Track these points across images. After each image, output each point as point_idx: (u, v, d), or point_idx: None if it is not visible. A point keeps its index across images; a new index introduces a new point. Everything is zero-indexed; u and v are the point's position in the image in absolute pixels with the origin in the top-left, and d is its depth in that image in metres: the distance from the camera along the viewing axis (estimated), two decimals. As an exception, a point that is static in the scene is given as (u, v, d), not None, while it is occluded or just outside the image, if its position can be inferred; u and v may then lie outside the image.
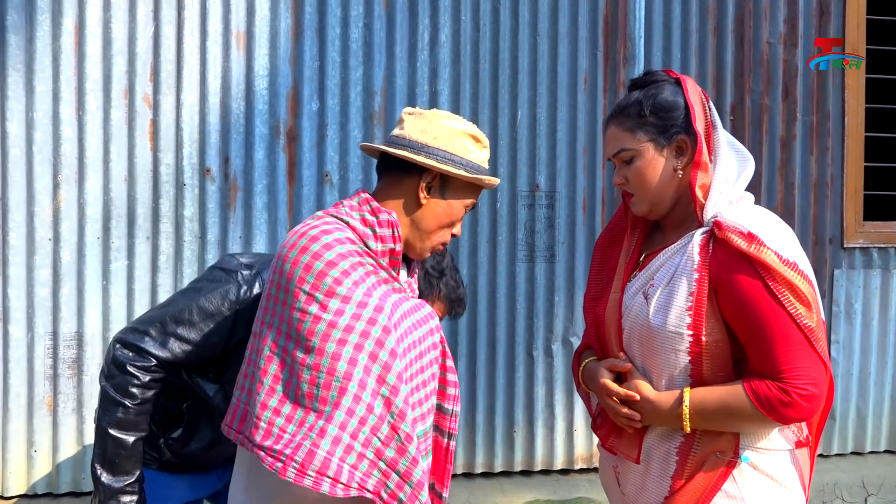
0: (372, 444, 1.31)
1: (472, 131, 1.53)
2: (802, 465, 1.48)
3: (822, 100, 3.49)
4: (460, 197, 1.51)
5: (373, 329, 1.33)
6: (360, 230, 1.43)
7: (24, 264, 2.85)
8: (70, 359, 2.89)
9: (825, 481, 3.39)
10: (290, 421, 1.32)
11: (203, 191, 2.97)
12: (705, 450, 1.45)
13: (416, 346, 1.45)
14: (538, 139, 3.23)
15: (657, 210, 1.53)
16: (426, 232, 1.50)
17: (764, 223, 1.41)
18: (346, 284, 1.35)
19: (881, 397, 3.60)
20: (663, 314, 1.44)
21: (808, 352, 1.35)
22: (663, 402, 1.46)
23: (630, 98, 1.53)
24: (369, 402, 1.31)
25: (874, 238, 3.55)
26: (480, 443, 3.22)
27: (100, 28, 2.89)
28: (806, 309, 1.35)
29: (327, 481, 1.28)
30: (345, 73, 3.07)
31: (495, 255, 3.21)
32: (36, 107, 2.85)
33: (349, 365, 1.30)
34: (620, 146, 1.51)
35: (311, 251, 1.35)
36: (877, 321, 3.57)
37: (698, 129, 1.46)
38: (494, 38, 3.19)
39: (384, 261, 1.45)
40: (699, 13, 3.37)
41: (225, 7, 2.98)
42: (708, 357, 1.42)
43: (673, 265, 1.46)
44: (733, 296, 1.39)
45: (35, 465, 2.87)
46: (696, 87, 1.52)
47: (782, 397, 1.35)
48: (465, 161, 1.49)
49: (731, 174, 1.48)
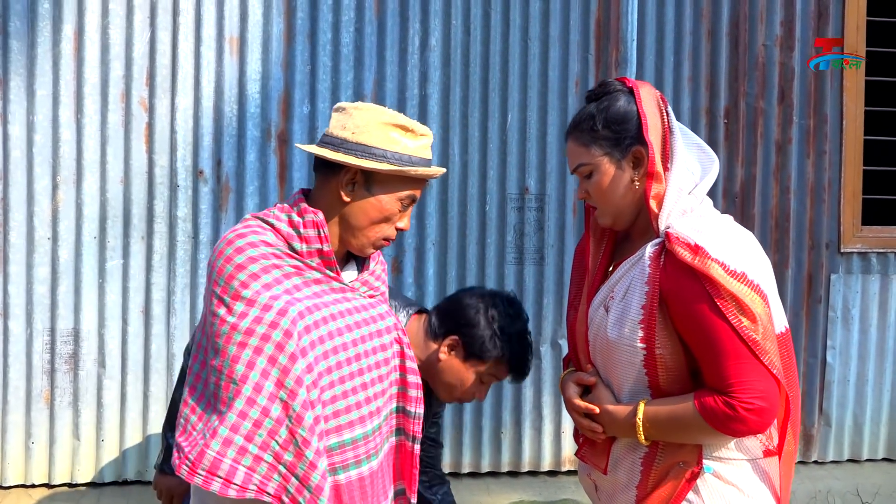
0: (270, 448, 1.32)
1: (398, 121, 1.45)
2: (772, 475, 1.46)
3: (819, 103, 3.45)
4: (390, 191, 1.45)
5: (273, 333, 1.33)
6: (284, 232, 1.43)
7: (24, 262, 2.96)
8: (67, 354, 2.99)
9: (818, 488, 3.36)
10: (200, 419, 1.35)
11: (196, 192, 3.05)
12: (668, 460, 1.45)
13: (350, 347, 1.44)
14: (528, 142, 3.25)
15: (620, 221, 1.53)
16: (357, 228, 1.46)
17: (713, 234, 1.40)
18: (252, 287, 1.35)
19: (879, 404, 3.55)
20: (619, 327, 1.45)
21: (755, 365, 1.34)
22: (620, 414, 1.47)
23: (584, 112, 1.52)
24: (265, 405, 1.31)
25: (873, 243, 3.50)
26: (467, 443, 3.25)
27: (98, 34, 2.98)
28: (750, 322, 1.34)
29: (218, 481, 1.30)
30: (336, 78, 3.12)
31: (484, 257, 3.24)
32: (36, 110, 2.95)
33: (246, 368, 1.32)
34: (578, 161, 1.51)
35: (224, 255, 1.38)
36: (875, 327, 3.52)
37: (649, 138, 1.45)
38: (485, 41, 3.22)
39: (313, 261, 1.44)
40: (693, 16, 3.36)
41: (219, 13, 3.05)
42: (663, 369, 1.42)
43: (629, 277, 1.47)
44: (681, 309, 1.38)
45: (32, 457, 2.98)
46: (651, 94, 1.50)
47: (728, 411, 1.34)
48: (388, 153, 1.42)
49: (688, 182, 1.47)
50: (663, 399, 1.43)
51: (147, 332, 3.04)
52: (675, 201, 1.44)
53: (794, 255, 3.45)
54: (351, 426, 1.43)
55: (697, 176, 1.50)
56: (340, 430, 1.41)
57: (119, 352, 3.02)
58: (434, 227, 3.18)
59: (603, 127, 1.48)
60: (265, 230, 1.43)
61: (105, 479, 3.03)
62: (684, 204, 1.45)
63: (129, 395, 3.03)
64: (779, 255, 3.43)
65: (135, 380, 3.03)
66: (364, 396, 1.45)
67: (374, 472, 1.47)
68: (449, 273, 3.21)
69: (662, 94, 1.54)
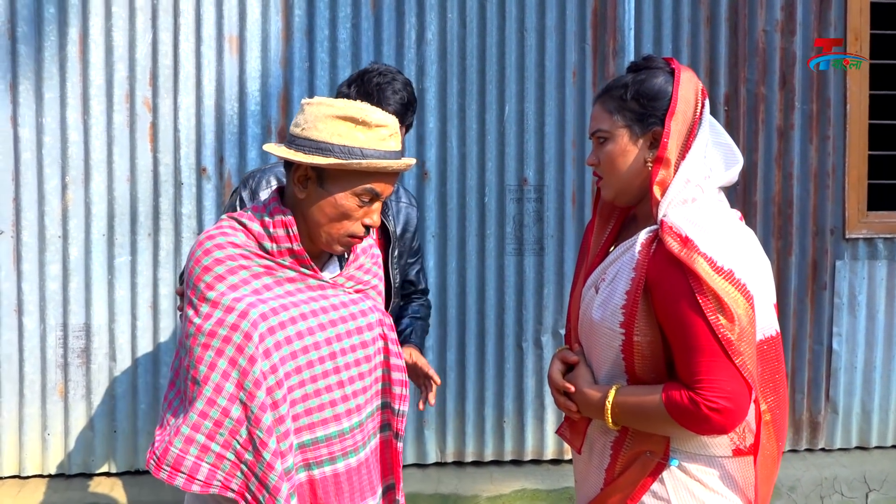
0: (232, 447, 1.36)
1: (349, 113, 1.39)
2: (744, 474, 1.44)
3: (822, 87, 3.41)
4: (344, 187, 1.40)
5: (234, 335, 1.35)
6: (256, 232, 1.44)
7: (37, 260, 3.06)
8: (79, 348, 3.09)
9: (824, 475, 3.34)
10: (174, 416, 1.40)
11: (200, 189, 3.12)
12: (636, 447, 1.46)
13: (324, 346, 1.44)
14: (526, 133, 3.27)
15: (623, 198, 1.52)
16: (318, 226, 1.44)
17: (707, 227, 1.38)
18: (217, 289, 1.37)
19: (888, 391, 3.51)
20: (602, 309, 1.45)
21: (726, 365, 1.32)
22: (593, 396, 1.48)
23: (620, 80, 1.51)
24: (225, 405, 1.34)
25: (879, 228, 3.46)
26: (470, 432, 3.29)
27: (102, 37, 3.06)
28: (728, 321, 1.32)
29: (182, 477, 1.34)
30: (333, 74, 3.16)
31: (484, 248, 3.27)
32: (45, 113, 3.04)
33: (208, 369, 1.35)
34: (598, 126, 1.50)
35: (194, 257, 1.42)
36: (882, 313, 3.49)
37: (670, 124, 1.42)
38: (481, 34, 3.24)
39: (285, 260, 1.45)
40: (691, 2, 3.34)
41: (218, 13, 3.11)
42: (639, 356, 1.42)
43: (621, 261, 1.46)
44: (663, 299, 1.38)
45: (49, 448, 3.09)
46: (692, 83, 1.46)
47: (690, 407, 1.33)
48: (334, 147, 1.37)
49: (698, 174, 1.44)
50: (635, 387, 1.44)
51: (156, 326, 3.12)
52: (678, 191, 1.42)
53: (797, 241, 3.42)
54: (324, 423, 1.44)
55: (716, 173, 1.47)
56: (313, 427, 1.43)
57: (129, 346, 3.11)
58: (433, 220, 3.22)
59: (632, 98, 1.47)
60: (236, 231, 1.44)
61: (119, 468, 3.13)
62: (687, 194, 1.43)
63: (140, 386, 3.12)
64: (782, 242, 3.41)
65: (145, 372, 3.13)
66: (340, 394, 1.45)
67: (351, 469, 1.47)
68: (449, 264, 3.24)
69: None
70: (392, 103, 1.93)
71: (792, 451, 3.47)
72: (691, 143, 1.44)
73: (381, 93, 1.93)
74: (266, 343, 1.37)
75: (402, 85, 1.98)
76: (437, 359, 3.26)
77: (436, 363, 3.26)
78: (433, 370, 2.06)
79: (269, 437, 1.34)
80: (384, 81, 1.94)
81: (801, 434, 3.47)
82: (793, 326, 3.42)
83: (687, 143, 1.44)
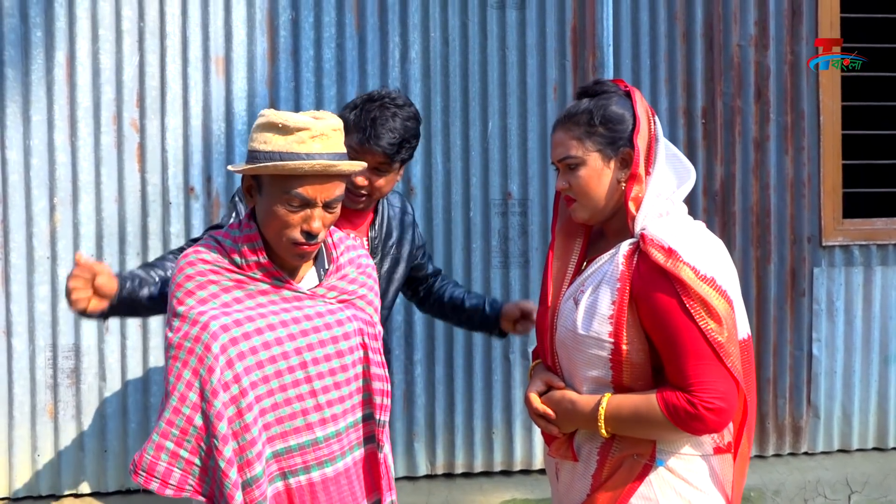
0: (199, 453, 1.42)
1: (270, 119, 1.43)
2: (723, 471, 1.51)
3: (795, 99, 3.50)
4: (275, 194, 1.43)
5: (196, 346, 1.41)
6: (227, 247, 1.50)
7: (25, 281, 3.07)
8: (69, 369, 3.10)
9: (807, 479, 3.41)
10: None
11: (188, 209, 3.15)
12: (623, 451, 1.51)
13: (293, 356, 1.46)
14: (509, 148, 3.33)
15: (596, 218, 1.58)
16: (269, 236, 1.49)
17: (686, 239, 1.46)
18: (186, 304, 1.45)
19: (867, 395, 3.59)
20: (588, 321, 1.49)
21: (717, 366, 1.40)
22: (583, 405, 1.52)
23: (580, 106, 1.56)
24: (188, 414, 1.41)
25: (854, 235, 3.55)
26: (460, 444, 3.32)
27: (89, 60, 3.09)
28: (717, 325, 1.39)
29: (156, 481, 1.42)
30: (319, 93, 3.22)
31: (470, 262, 3.32)
32: (32, 135, 3.07)
33: (175, 379, 1.42)
34: (566, 153, 1.55)
35: (173, 277, 1.52)
36: (860, 318, 3.57)
37: (638, 142, 1.51)
38: (464, 52, 3.30)
39: (256, 273, 1.49)
40: (667, 19, 3.43)
41: (204, 34, 3.15)
42: (627, 365, 1.47)
43: (601, 273, 1.51)
44: (651, 308, 1.44)
45: (39, 469, 3.09)
46: (643, 101, 1.57)
47: (689, 409, 1.40)
48: (260, 154, 1.42)
49: (666, 188, 1.52)
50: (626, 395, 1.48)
51: (145, 346, 3.14)
52: (652, 205, 1.50)
53: (776, 250, 3.50)
54: (297, 432, 1.47)
55: (674, 184, 1.55)
56: (286, 436, 1.47)
57: (119, 365, 3.13)
58: (420, 235, 3.27)
59: (600, 124, 1.53)
60: (209, 248, 1.51)
61: (109, 488, 3.14)
62: (660, 208, 1.51)
63: (130, 406, 3.14)
64: (761, 251, 3.49)
65: (135, 391, 3.14)
66: (313, 403, 1.47)
67: (328, 479, 1.49)
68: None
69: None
70: (383, 141, 1.89)
71: (776, 455, 3.54)
72: (652, 158, 1.53)
73: (373, 128, 1.89)
74: (228, 353, 1.41)
75: (402, 121, 1.92)
76: (426, 372, 3.30)
77: (424, 376, 3.30)
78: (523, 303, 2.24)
79: (223, 446, 1.39)
80: (381, 117, 1.90)
81: (784, 438, 3.54)
82: (773, 332, 3.50)
83: (648, 159, 1.53)
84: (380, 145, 1.90)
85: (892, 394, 3.60)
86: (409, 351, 3.30)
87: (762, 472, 3.41)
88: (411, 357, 3.29)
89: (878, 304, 3.58)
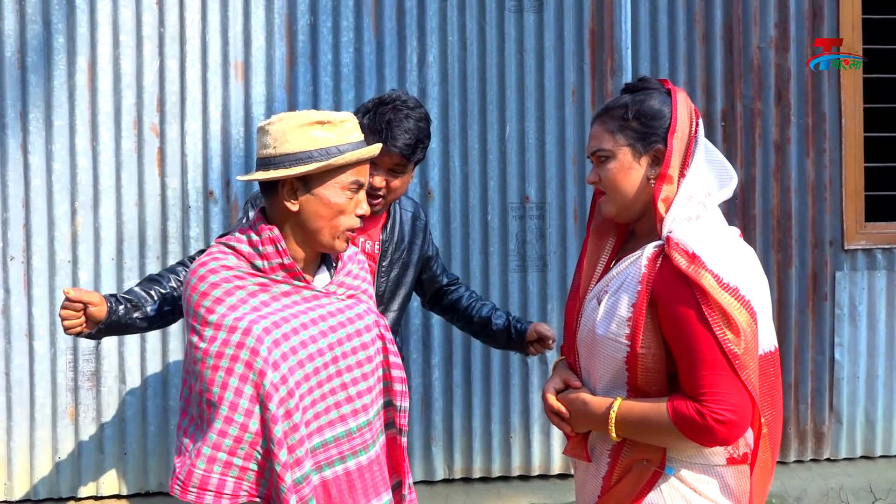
0: (254, 458, 1.42)
1: (313, 118, 1.48)
2: (738, 483, 1.47)
3: (816, 102, 3.47)
4: (333, 186, 1.49)
5: (241, 352, 1.41)
6: (245, 252, 1.50)
7: (47, 285, 3.10)
8: (89, 372, 3.12)
9: (830, 486, 3.36)
10: (191, 441, 1.46)
11: (207, 212, 3.17)
12: (633, 455, 1.49)
13: (327, 352, 1.50)
14: (527, 152, 3.32)
15: (624, 215, 1.56)
16: (318, 231, 1.51)
17: (713, 245, 1.42)
18: (218, 311, 1.44)
19: (891, 400, 3.54)
20: (607, 321, 1.48)
21: (731, 378, 1.36)
22: (595, 406, 1.51)
23: (619, 100, 1.55)
24: (242, 421, 1.40)
25: (877, 239, 3.50)
26: (478, 448, 3.31)
27: (110, 65, 3.12)
28: (735, 336, 1.36)
29: (210, 494, 1.40)
30: (337, 97, 3.22)
31: (487, 265, 3.31)
32: (54, 140, 3.10)
33: (221, 389, 1.41)
34: (599, 146, 1.54)
35: (190, 285, 1.49)
36: (883, 323, 3.52)
37: (672, 142, 1.47)
38: (482, 55, 3.30)
39: (278, 275, 1.51)
40: (686, 21, 3.41)
41: (223, 40, 3.17)
42: (643, 368, 1.45)
43: (625, 274, 1.49)
44: (669, 313, 1.41)
45: (60, 471, 3.11)
46: (686, 103, 1.53)
47: (697, 419, 1.37)
48: (313, 153, 1.45)
49: (699, 191, 1.48)
50: (639, 399, 1.47)
51: (164, 349, 3.16)
52: (682, 207, 1.46)
53: (797, 253, 3.46)
54: (332, 425, 1.51)
55: (713, 190, 1.52)
56: (322, 430, 1.50)
57: (139, 368, 3.15)
58: (437, 238, 3.26)
59: (634, 118, 1.51)
60: (226, 254, 1.51)
61: (129, 490, 3.15)
62: (691, 211, 1.47)
63: (150, 409, 3.15)
64: (782, 255, 3.45)
65: (154, 394, 3.16)
66: (345, 396, 1.52)
67: (362, 467, 1.54)
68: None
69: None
70: (399, 143, 1.94)
71: (797, 461, 3.49)
72: (689, 161, 1.49)
73: (389, 130, 1.93)
74: (273, 356, 1.43)
75: (415, 122, 1.97)
76: (443, 376, 3.29)
77: (442, 380, 3.29)
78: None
79: (279, 449, 1.40)
80: (395, 119, 1.94)
81: (807, 444, 3.50)
82: (795, 337, 3.46)
83: (685, 161, 1.49)
84: (397, 146, 1.94)
85: (916, 399, 3.55)
86: (427, 354, 3.29)
87: (784, 478, 3.37)
88: (429, 361, 3.29)
89: (901, 308, 3.53)
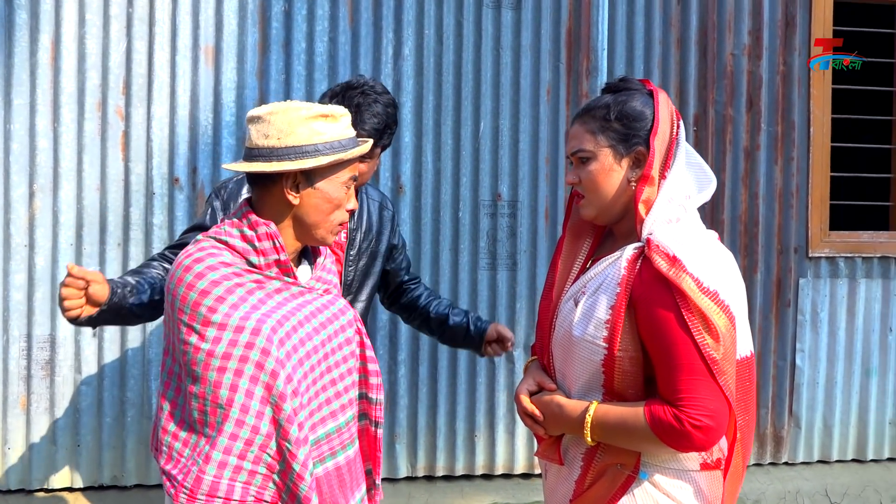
0: (263, 461, 1.38)
1: (317, 111, 1.45)
2: (710, 488, 1.47)
3: (787, 110, 3.52)
4: (333, 180, 1.48)
5: (251, 353, 1.36)
6: (239, 248, 1.44)
7: (0, 269, 2.99)
8: (43, 360, 3.02)
9: (787, 489, 3.41)
10: (186, 445, 1.39)
11: (172, 199, 3.09)
12: (607, 460, 1.47)
13: (320, 349, 1.48)
14: (501, 149, 3.31)
15: (604, 217, 1.53)
16: (315, 225, 1.48)
17: (693, 248, 1.40)
18: (221, 311, 1.38)
19: (848, 406, 3.61)
20: (584, 323, 1.45)
21: (709, 383, 1.35)
22: (571, 410, 1.48)
23: (600, 100, 1.52)
24: (254, 423, 1.36)
25: (840, 247, 3.57)
26: (441, 446, 3.29)
27: (75, 44, 3.02)
28: (714, 341, 1.34)
29: (219, 500, 1.36)
30: (310, 87, 3.17)
31: (457, 263, 3.29)
32: (13, 119, 2.99)
33: (230, 391, 1.35)
34: (579, 146, 1.51)
35: (185, 282, 1.40)
36: (843, 330, 3.59)
37: (654, 143, 1.45)
38: (458, 51, 3.27)
39: (272, 271, 1.46)
40: (662, 25, 3.42)
41: (194, 23, 3.09)
42: (619, 371, 1.43)
43: (603, 276, 1.47)
44: (648, 316, 1.39)
45: (8, 462, 3.00)
46: (667, 104, 1.51)
47: (674, 424, 1.35)
48: (320, 146, 1.43)
49: (679, 194, 1.47)
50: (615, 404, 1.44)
51: (123, 339, 3.07)
52: (662, 210, 1.44)
53: (762, 259, 3.51)
54: (324, 422, 1.49)
55: (692, 192, 1.50)
56: (315, 428, 1.47)
57: (95, 358, 3.05)
58: (408, 234, 3.23)
59: (616, 119, 1.48)
60: (221, 250, 1.44)
61: (82, 483, 3.06)
62: (671, 213, 1.45)
63: (106, 400, 3.06)
64: (748, 260, 3.49)
65: (111, 385, 3.07)
66: (334, 392, 1.51)
67: (350, 461, 1.54)
68: (423, 279, 3.24)
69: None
70: (368, 126, 1.93)
71: (756, 464, 3.54)
72: (670, 163, 1.47)
73: (358, 113, 1.92)
74: (279, 354, 1.39)
75: (384, 107, 1.97)
76: (409, 373, 3.26)
77: (408, 377, 3.26)
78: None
79: (297, 449, 1.38)
80: (364, 103, 1.94)
81: (766, 448, 3.55)
82: (758, 342, 3.50)
83: (666, 163, 1.47)
84: (365, 129, 1.93)
85: (872, 406, 3.62)
86: (394, 351, 3.25)
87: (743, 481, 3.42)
88: (395, 357, 3.25)
89: (861, 316, 3.60)
